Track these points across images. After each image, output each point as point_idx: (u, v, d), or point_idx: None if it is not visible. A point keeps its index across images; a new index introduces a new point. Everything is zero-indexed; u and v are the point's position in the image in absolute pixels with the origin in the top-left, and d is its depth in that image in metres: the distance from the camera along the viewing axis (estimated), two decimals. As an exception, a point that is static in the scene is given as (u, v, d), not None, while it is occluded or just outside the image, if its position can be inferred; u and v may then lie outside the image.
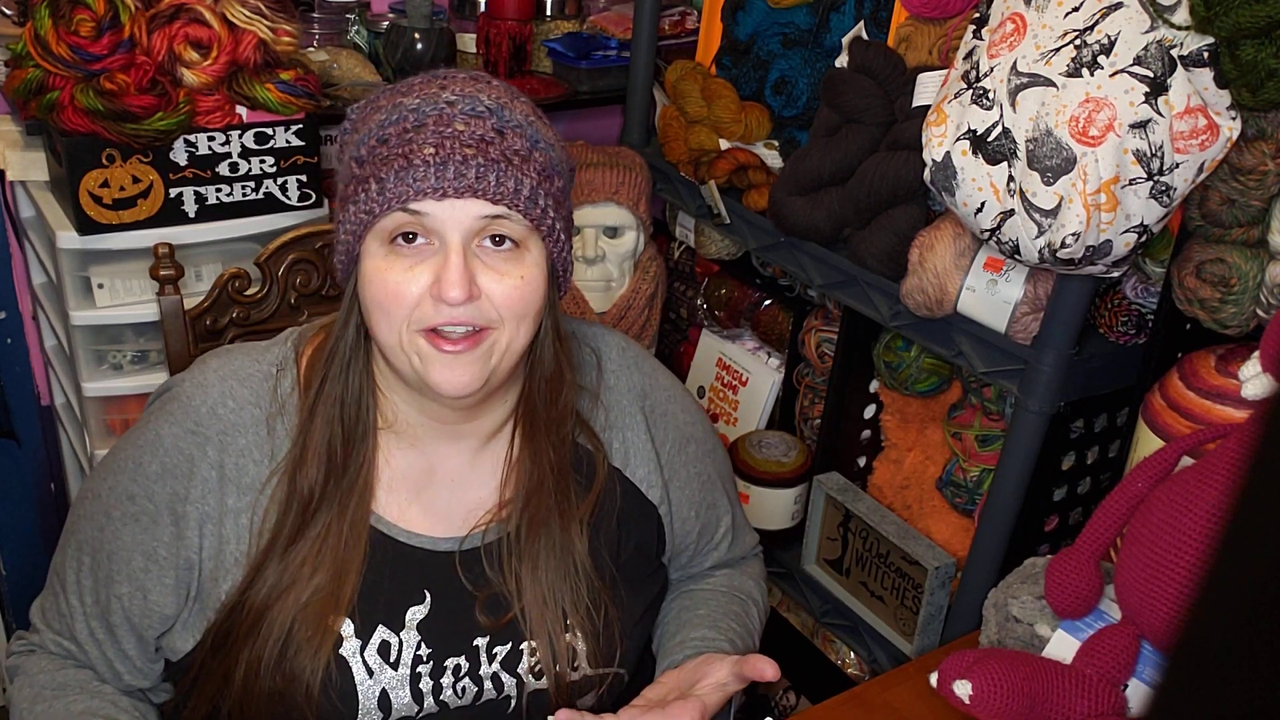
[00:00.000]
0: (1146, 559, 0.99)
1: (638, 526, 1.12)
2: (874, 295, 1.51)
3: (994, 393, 1.54)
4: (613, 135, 2.11)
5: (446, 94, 0.93)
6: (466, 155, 0.90)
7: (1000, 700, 0.99)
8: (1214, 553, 0.32)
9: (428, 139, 0.90)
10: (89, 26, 1.51)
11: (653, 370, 1.18)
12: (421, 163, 0.89)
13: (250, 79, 1.60)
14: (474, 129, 0.91)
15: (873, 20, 1.58)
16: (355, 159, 0.94)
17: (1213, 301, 1.18)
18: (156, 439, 1.01)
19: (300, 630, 0.97)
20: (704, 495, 1.19)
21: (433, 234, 0.92)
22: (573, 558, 1.04)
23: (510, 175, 0.91)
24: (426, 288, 0.92)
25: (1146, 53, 1.09)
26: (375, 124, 0.93)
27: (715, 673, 1.04)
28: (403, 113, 0.92)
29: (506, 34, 2.01)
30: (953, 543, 1.61)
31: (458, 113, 0.91)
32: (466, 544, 1.05)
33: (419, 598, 1.02)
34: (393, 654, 1.01)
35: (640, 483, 1.12)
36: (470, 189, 0.89)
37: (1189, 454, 1.05)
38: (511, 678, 1.04)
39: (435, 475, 1.06)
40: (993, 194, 1.21)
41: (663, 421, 1.16)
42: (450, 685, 1.02)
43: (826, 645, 1.82)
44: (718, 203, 1.74)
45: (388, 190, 0.90)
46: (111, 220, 1.60)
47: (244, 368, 1.03)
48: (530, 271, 0.95)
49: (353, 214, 0.93)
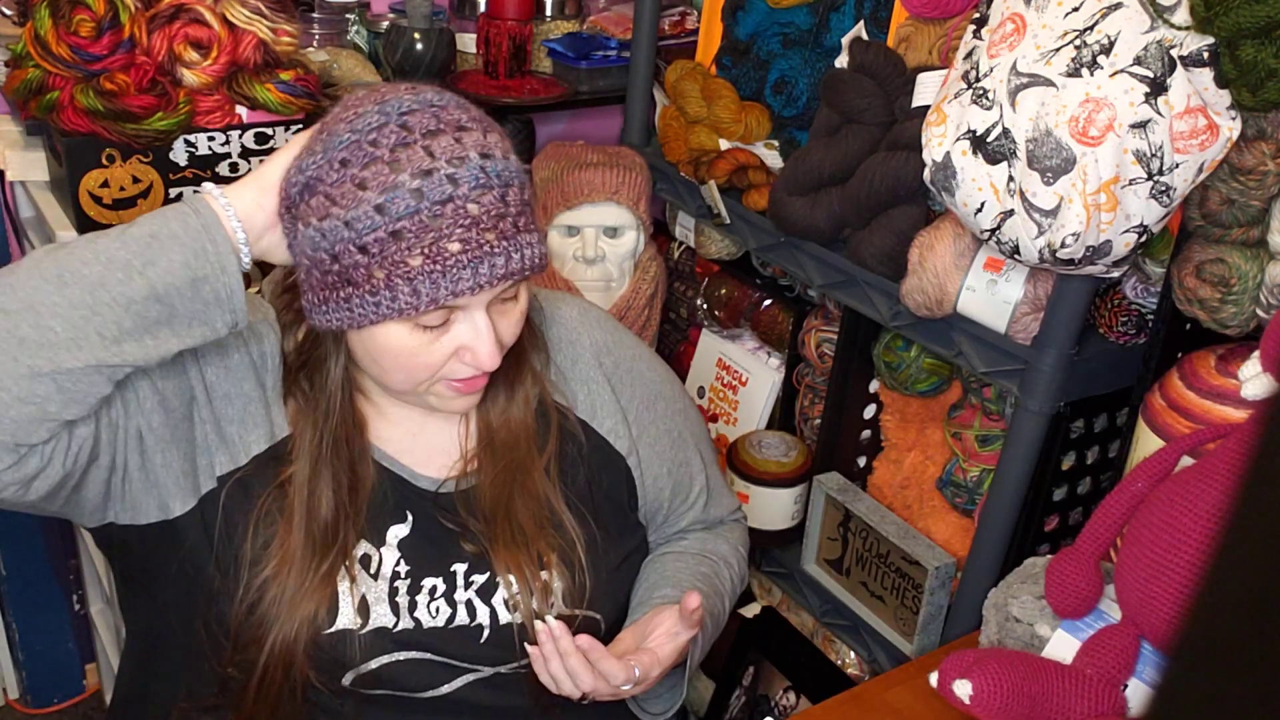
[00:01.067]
0: (1146, 559, 0.99)
1: (607, 476, 1.16)
2: (874, 295, 1.51)
3: (994, 393, 1.54)
4: (613, 135, 2.11)
5: (441, 165, 0.89)
6: (492, 245, 0.91)
7: (1000, 700, 0.99)
8: (1214, 553, 0.32)
9: (450, 233, 0.90)
10: (89, 27, 1.51)
11: (614, 329, 1.23)
12: (455, 264, 0.90)
13: (250, 79, 1.60)
14: (487, 208, 0.91)
15: (873, 20, 1.58)
16: (357, 246, 0.90)
17: (1213, 301, 1.18)
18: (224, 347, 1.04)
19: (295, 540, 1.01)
20: (675, 453, 1.22)
21: (457, 310, 0.96)
22: (545, 504, 1.09)
23: (525, 244, 0.94)
24: (451, 354, 0.97)
25: (1146, 53, 1.09)
26: (370, 206, 0.89)
27: (664, 622, 1.08)
28: (406, 200, 0.89)
29: (506, 34, 2.01)
30: (953, 543, 1.61)
31: (466, 193, 0.90)
32: (442, 488, 1.09)
33: (400, 517, 1.07)
34: (372, 566, 1.04)
35: (608, 434, 1.16)
36: (503, 277, 0.93)
37: (1189, 454, 1.05)
38: (485, 606, 1.07)
39: (393, 423, 1.10)
40: (992, 194, 1.21)
41: (628, 379, 1.20)
42: (425, 604, 1.05)
43: (826, 645, 1.82)
44: (718, 203, 1.74)
45: (423, 294, 0.91)
46: (111, 220, 1.60)
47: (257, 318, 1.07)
48: (524, 303, 1.02)
49: (371, 303, 0.92)
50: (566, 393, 1.15)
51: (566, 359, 1.17)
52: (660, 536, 1.27)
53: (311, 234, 0.92)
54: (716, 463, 1.31)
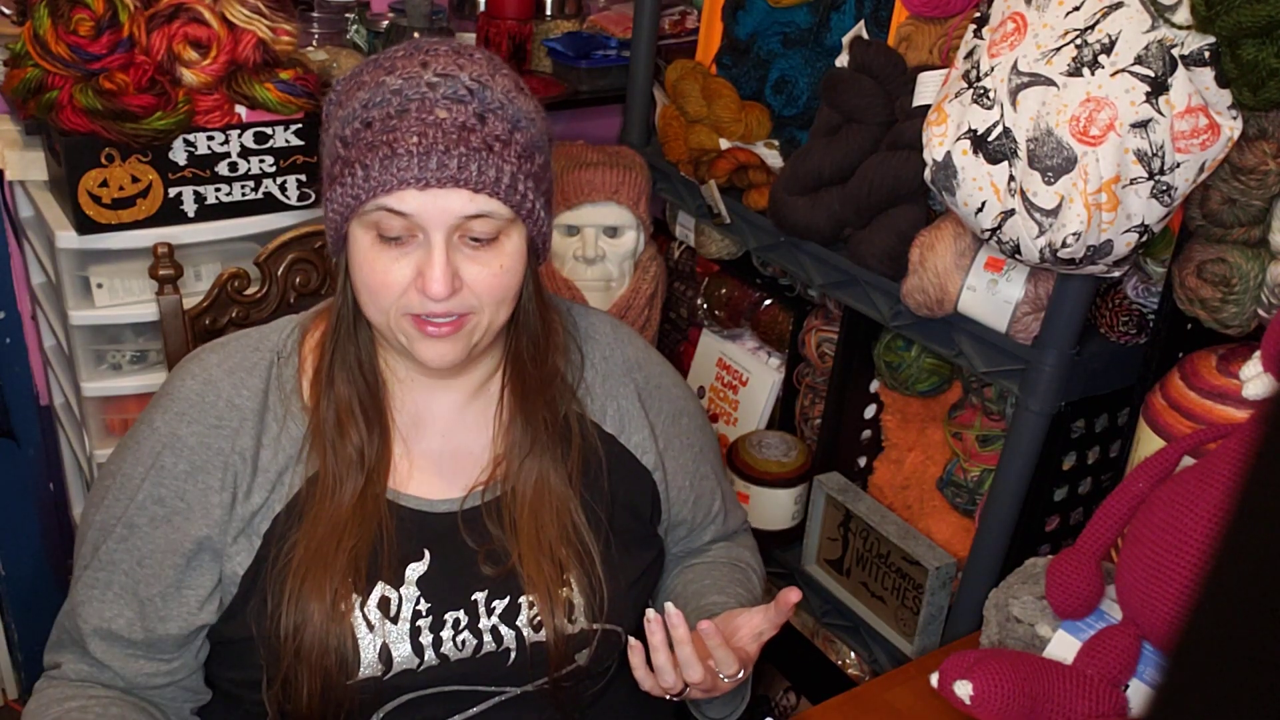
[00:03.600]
0: (1147, 559, 0.98)
1: (630, 490, 1.15)
2: (874, 295, 1.51)
3: (995, 393, 1.53)
4: (613, 135, 2.11)
5: (428, 74, 0.93)
6: (448, 144, 0.91)
7: (1001, 701, 0.99)
8: (1215, 553, 0.31)
9: (411, 126, 0.91)
10: (88, 26, 1.51)
11: (644, 347, 1.23)
12: (405, 152, 0.91)
13: (249, 78, 1.60)
14: (455, 115, 0.92)
15: (873, 19, 1.58)
16: (340, 138, 0.95)
17: (1214, 301, 1.18)
18: (175, 441, 1.02)
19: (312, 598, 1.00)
20: (697, 466, 1.23)
21: (416, 229, 0.94)
22: (566, 504, 1.08)
23: (491, 164, 0.93)
24: (411, 279, 0.95)
25: (1147, 52, 1.09)
26: (359, 103, 0.94)
27: (750, 621, 1.07)
28: (385, 94, 0.93)
29: (506, 33, 2.01)
30: (953, 543, 1.61)
31: (440, 97, 0.92)
32: (467, 503, 1.08)
33: (418, 555, 1.05)
34: (392, 609, 1.03)
35: (635, 449, 1.16)
36: (453, 179, 0.91)
37: (1190, 454, 1.05)
38: (510, 630, 1.06)
39: (425, 425, 1.09)
40: (993, 194, 1.20)
41: (656, 394, 1.20)
42: (450, 638, 1.04)
43: (827, 645, 1.82)
44: (718, 202, 1.74)
45: (372, 178, 0.92)
46: (110, 220, 1.60)
47: (247, 359, 1.06)
48: (509, 259, 0.98)
49: (339, 195, 0.95)
50: (593, 407, 1.15)
51: (598, 374, 1.16)
52: (684, 549, 1.27)
53: (326, 138, 0.99)
54: (726, 476, 1.32)
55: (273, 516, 1.03)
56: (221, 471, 1.02)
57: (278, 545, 1.01)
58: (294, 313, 1.13)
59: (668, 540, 1.24)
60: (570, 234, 1.90)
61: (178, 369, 1.07)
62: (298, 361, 1.07)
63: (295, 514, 1.02)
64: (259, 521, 1.03)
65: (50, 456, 2.15)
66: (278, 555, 1.01)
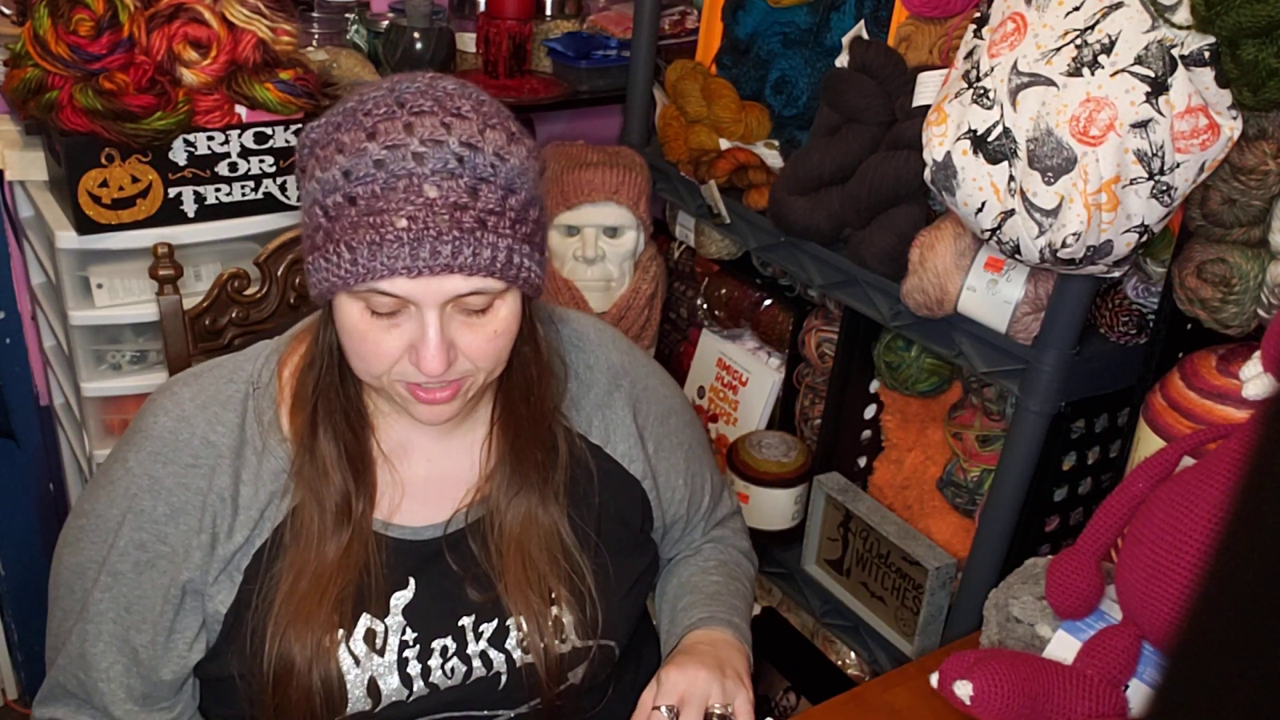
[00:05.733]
0: (1147, 559, 0.98)
1: (620, 501, 1.13)
2: (874, 295, 1.51)
3: (995, 393, 1.53)
4: (613, 135, 2.11)
5: (413, 142, 0.87)
6: (441, 230, 0.86)
7: (1001, 701, 0.99)
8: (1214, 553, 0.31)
9: (399, 209, 0.86)
10: (88, 26, 1.51)
11: (629, 349, 1.20)
12: (394, 239, 0.86)
13: (249, 78, 1.60)
14: (446, 194, 0.86)
15: (873, 19, 1.58)
16: (320, 207, 0.90)
17: (1214, 301, 1.18)
18: (153, 483, 1.00)
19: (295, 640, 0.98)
20: (689, 465, 1.21)
21: (409, 304, 0.91)
22: (554, 531, 1.06)
23: (486, 244, 0.88)
24: (404, 349, 0.92)
25: (1147, 52, 1.09)
26: (339, 169, 0.88)
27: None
28: (368, 166, 0.87)
29: (506, 33, 2.01)
30: (953, 543, 1.60)
31: (428, 173, 0.86)
32: (451, 527, 1.06)
33: (403, 584, 1.03)
34: (378, 641, 1.01)
35: (622, 459, 1.13)
36: (446, 267, 0.87)
37: (1190, 454, 1.05)
38: (500, 654, 1.04)
39: (411, 452, 1.07)
40: (993, 194, 1.20)
41: (645, 397, 1.17)
42: (439, 666, 1.03)
43: (827, 645, 1.82)
44: (718, 202, 1.74)
45: (360, 264, 0.87)
46: (110, 220, 1.60)
47: (221, 391, 1.03)
48: (504, 322, 0.95)
49: (325, 270, 0.90)
50: (578, 418, 1.12)
51: (582, 384, 1.13)
52: (678, 550, 1.26)
53: (305, 192, 0.94)
54: (715, 463, 1.31)
55: (253, 552, 1.00)
56: (200, 512, 0.99)
57: (260, 581, 0.99)
58: (293, 312, 1.13)
59: (663, 543, 1.23)
60: (570, 234, 1.90)
61: (150, 403, 1.04)
62: (275, 391, 1.03)
63: (278, 550, 1.00)
64: (239, 558, 1.00)
65: (50, 456, 2.15)
66: (259, 593, 0.99)
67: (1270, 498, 0.30)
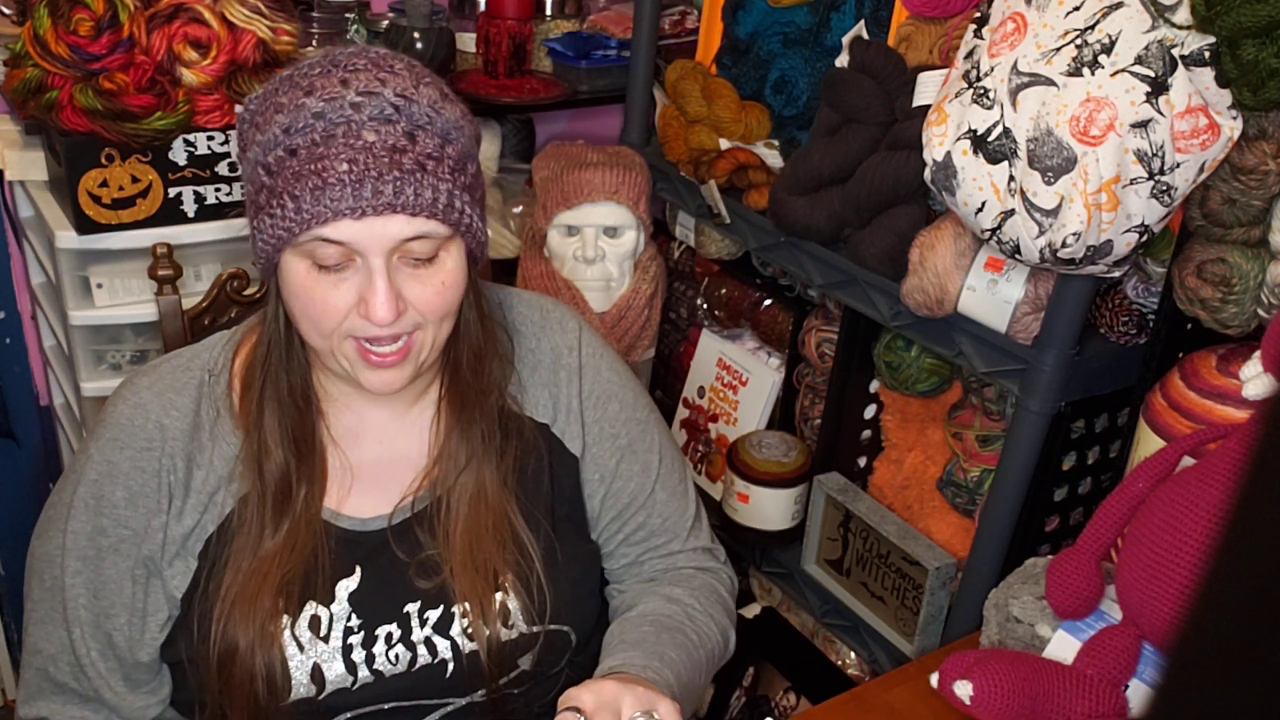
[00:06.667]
0: (1147, 559, 0.98)
1: (567, 483, 1.13)
2: (874, 295, 1.51)
3: (994, 393, 1.53)
4: (613, 135, 2.11)
5: (350, 94, 0.90)
6: (380, 170, 0.88)
7: (1001, 701, 0.99)
8: (1214, 553, 0.31)
9: (339, 153, 0.88)
10: (88, 26, 1.51)
11: (577, 328, 1.17)
12: (336, 181, 0.87)
13: (249, 78, 1.60)
14: (384, 137, 0.89)
15: (873, 19, 1.58)
16: (262, 165, 0.92)
17: (1214, 301, 1.18)
18: (111, 468, 1.01)
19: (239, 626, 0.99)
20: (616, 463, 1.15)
21: (354, 255, 0.92)
22: (503, 515, 1.06)
23: (426, 185, 0.90)
24: (353, 303, 0.93)
25: (1147, 52, 1.09)
26: (279, 127, 0.90)
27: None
28: (307, 119, 0.89)
29: (506, 33, 2.01)
30: (953, 543, 1.60)
31: (365, 119, 0.89)
32: (397, 517, 1.06)
33: (349, 571, 1.04)
34: (322, 628, 1.02)
35: (562, 434, 1.13)
36: (389, 206, 0.89)
37: (1190, 454, 1.05)
38: (445, 640, 1.04)
39: (363, 436, 1.08)
40: (993, 194, 1.20)
41: (587, 376, 1.15)
42: (383, 653, 1.03)
43: (827, 645, 1.82)
44: (718, 202, 1.74)
45: (304, 210, 0.89)
46: (110, 220, 1.60)
47: (177, 379, 1.05)
48: (450, 274, 0.96)
49: (269, 226, 0.92)
50: (526, 400, 1.12)
51: (526, 366, 1.13)
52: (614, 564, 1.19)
53: (245, 163, 0.95)
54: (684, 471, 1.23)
55: (206, 537, 1.01)
56: (156, 494, 1.01)
57: (209, 567, 1.01)
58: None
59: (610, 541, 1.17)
60: (570, 234, 1.90)
61: (113, 395, 1.06)
62: (229, 378, 1.05)
63: (228, 535, 1.01)
64: (193, 543, 1.01)
65: (50, 456, 2.15)
66: (208, 578, 1.00)
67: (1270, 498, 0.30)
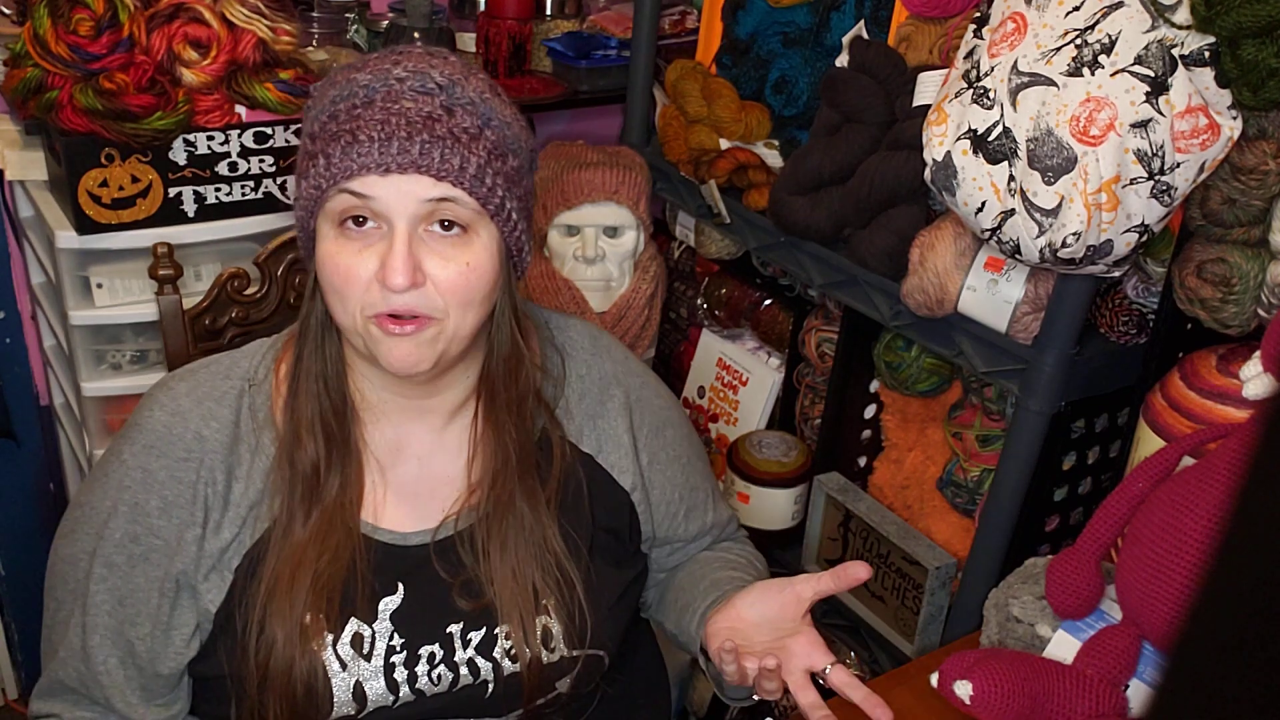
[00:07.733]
0: (1147, 559, 0.98)
1: (609, 512, 1.13)
2: (874, 295, 1.51)
3: (995, 392, 1.53)
4: (613, 135, 2.11)
5: (398, 70, 0.93)
6: (411, 131, 0.89)
7: (1001, 701, 0.99)
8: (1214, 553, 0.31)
9: (374, 115, 0.90)
10: (88, 26, 1.51)
11: (624, 358, 1.19)
12: (366, 138, 0.89)
13: (249, 78, 1.60)
14: (421, 106, 0.91)
15: (873, 19, 1.58)
16: (309, 134, 0.95)
17: (1214, 301, 1.17)
18: (146, 476, 1.00)
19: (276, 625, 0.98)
20: (685, 478, 1.20)
21: (380, 218, 0.92)
22: (543, 539, 1.05)
23: (456, 152, 0.90)
24: (375, 272, 0.92)
25: (1147, 52, 1.09)
26: (328, 100, 0.94)
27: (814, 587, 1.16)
28: (353, 88, 0.92)
29: (506, 33, 2.01)
30: (953, 543, 1.60)
31: (406, 89, 0.91)
32: (440, 534, 1.05)
33: (391, 589, 1.03)
34: (365, 646, 1.01)
35: (612, 469, 1.13)
36: (414, 164, 0.89)
37: (1190, 454, 1.05)
38: (487, 662, 1.04)
39: (403, 451, 1.06)
40: (993, 193, 1.20)
41: (639, 408, 1.16)
42: (425, 673, 1.02)
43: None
44: (718, 202, 1.74)
45: (334, 166, 0.90)
46: (110, 220, 1.60)
47: (216, 387, 1.03)
48: (478, 257, 0.94)
49: (304, 190, 0.93)
50: (571, 427, 1.12)
51: (575, 391, 1.13)
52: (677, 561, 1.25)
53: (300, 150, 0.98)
54: (712, 474, 1.30)
55: (244, 551, 1.00)
56: (191, 506, 1.00)
57: (250, 580, 0.99)
58: (293, 312, 1.13)
59: (656, 554, 1.22)
60: (570, 234, 1.90)
61: (146, 398, 1.04)
62: (270, 388, 1.03)
63: (268, 546, 1.00)
64: (230, 557, 1.00)
65: (50, 456, 2.15)
66: (247, 590, 0.99)
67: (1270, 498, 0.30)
